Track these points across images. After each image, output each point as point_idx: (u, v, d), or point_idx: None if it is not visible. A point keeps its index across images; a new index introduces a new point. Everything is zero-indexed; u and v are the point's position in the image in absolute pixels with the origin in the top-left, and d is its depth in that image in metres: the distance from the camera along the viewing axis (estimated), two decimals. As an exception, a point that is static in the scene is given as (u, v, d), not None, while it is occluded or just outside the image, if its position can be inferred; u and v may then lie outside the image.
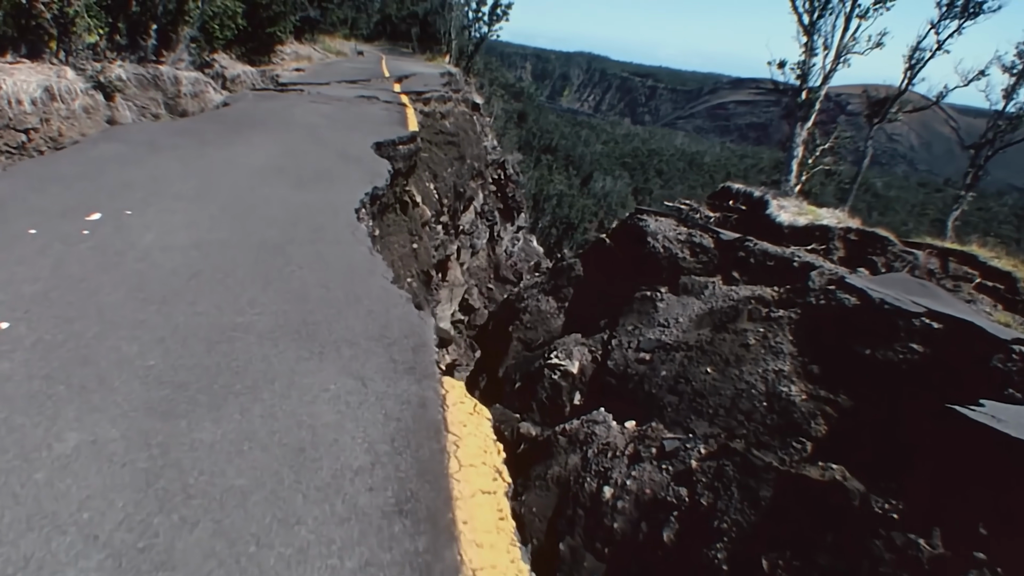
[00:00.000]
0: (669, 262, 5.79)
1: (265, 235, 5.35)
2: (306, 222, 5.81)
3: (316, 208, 6.25)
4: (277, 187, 6.74)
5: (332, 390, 3.42)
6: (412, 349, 4.02)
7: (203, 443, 2.88)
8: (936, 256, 9.34)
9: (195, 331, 3.76)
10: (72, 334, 3.53)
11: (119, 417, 2.96)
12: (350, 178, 7.60)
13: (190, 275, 4.47)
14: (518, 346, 6.22)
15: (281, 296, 4.38)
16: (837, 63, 11.53)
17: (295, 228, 5.62)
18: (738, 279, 5.58)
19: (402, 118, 11.26)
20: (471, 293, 25.85)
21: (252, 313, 4.09)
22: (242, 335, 3.82)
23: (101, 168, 6.69)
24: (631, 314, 5.64)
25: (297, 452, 2.91)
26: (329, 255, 5.17)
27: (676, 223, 6.04)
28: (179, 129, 9.57)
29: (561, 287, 6.36)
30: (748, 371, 4.79)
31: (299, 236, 5.44)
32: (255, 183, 6.77)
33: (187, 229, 5.24)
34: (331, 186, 7.11)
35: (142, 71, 11.90)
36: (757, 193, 11.93)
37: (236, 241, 5.14)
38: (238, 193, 6.36)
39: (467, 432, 3.37)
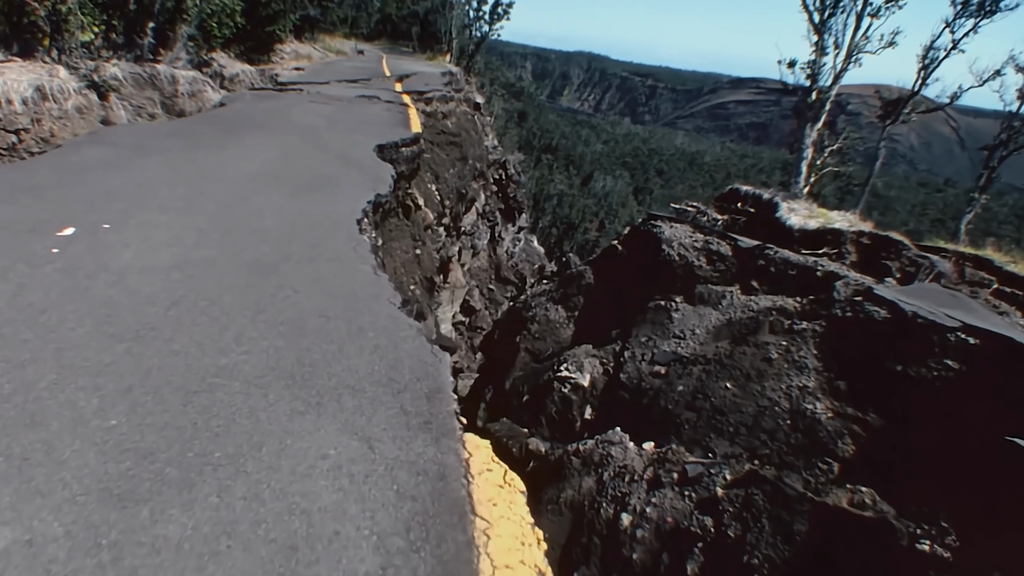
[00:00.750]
0: (684, 270, 5.54)
1: (257, 252, 4.89)
2: (303, 236, 5.37)
3: (314, 220, 5.82)
4: (272, 195, 6.31)
5: (332, 457, 2.88)
6: (426, 396, 3.52)
7: (168, 542, 2.31)
8: (951, 260, 9.10)
9: (170, 377, 3.23)
10: (22, 384, 2.99)
11: (65, 504, 2.38)
12: (351, 185, 7.18)
13: (169, 303, 3.96)
14: (526, 357, 5.98)
15: (273, 328, 3.87)
16: (848, 62, 11.28)
17: (291, 243, 5.17)
18: (757, 289, 5.33)
19: (404, 119, 10.94)
20: (472, 294, 25.62)
21: (239, 352, 3.56)
22: (225, 382, 3.28)
23: (82, 175, 6.19)
24: (645, 325, 5.40)
25: (288, 552, 2.36)
26: (329, 276, 4.74)
27: (692, 229, 5.80)
28: (171, 131, 9.12)
29: (571, 295, 6.12)
30: (771, 387, 4.55)
31: (295, 253, 5.01)
32: (249, 191, 6.34)
33: (170, 246, 4.79)
34: (331, 194, 6.68)
35: (138, 70, 11.66)
36: (766, 195, 11.68)
37: (224, 260, 4.67)
38: (230, 203, 5.91)
39: (498, 515, 2.82)
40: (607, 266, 6.20)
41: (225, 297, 4.16)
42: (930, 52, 11.50)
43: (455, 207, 14.37)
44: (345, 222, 5.93)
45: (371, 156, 8.57)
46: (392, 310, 4.46)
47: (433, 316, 6.46)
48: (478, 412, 5.99)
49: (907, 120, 12.10)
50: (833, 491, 4.10)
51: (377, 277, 4.93)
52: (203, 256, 4.72)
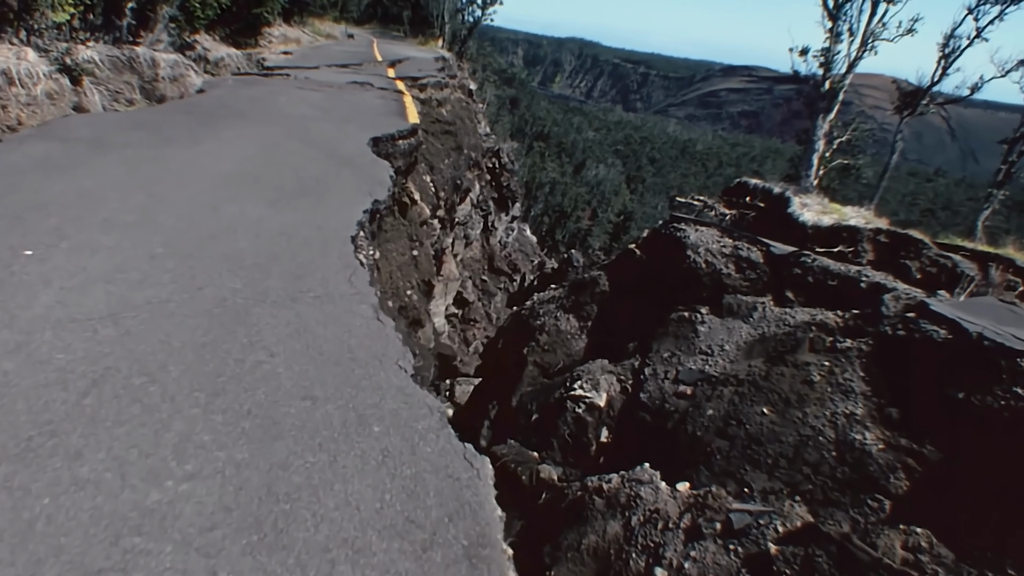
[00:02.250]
0: (711, 279, 5.05)
1: (223, 289, 3.85)
2: (284, 262, 4.37)
3: (299, 237, 4.82)
4: (249, 204, 5.27)
5: None
6: (465, 550, 2.42)
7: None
8: (973, 260, 8.67)
9: (60, 542, 2.03)
10: None
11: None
12: (343, 188, 6.22)
13: (88, 384, 2.81)
14: (534, 371, 5.49)
15: (235, 426, 2.75)
16: (863, 50, 10.79)
17: (268, 274, 4.16)
18: (793, 300, 4.87)
19: (400, 107, 10.25)
20: (465, 286, 25.11)
21: (179, 480, 2.39)
22: (151, 547, 2.09)
23: (15, 179, 5.03)
24: (667, 338, 4.92)
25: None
26: (317, 326, 3.69)
27: (719, 233, 5.30)
28: (136, 122, 7.98)
29: (583, 304, 5.62)
30: (813, 413, 4.09)
31: (273, 290, 3.97)
32: (220, 199, 5.29)
33: (108, 283, 3.64)
34: (319, 201, 5.68)
35: (116, 53, 10.99)
36: (776, 189, 11.22)
37: (178, 303, 3.60)
38: (195, 216, 4.84)
39: None
40: (624, 272, 5.68)
41: (171, 368, 3.05)
42: (951, 40, 11.05)
43: (450, 198, 13.83)
44: (337, 240, 4.96)
45: (365, 151, 7.67)
46: (403, 380, 3.42)
47: (431, 322, 5.96)
48: (482, 430, 5.51)
49: (925, 112, 11.64)
50: (884, 532, 3.63)
51: (380, 324, 3.90)
52: (150, 298, 3.60)
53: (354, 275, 4.50)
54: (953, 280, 8.29)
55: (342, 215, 5.49)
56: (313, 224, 5.17)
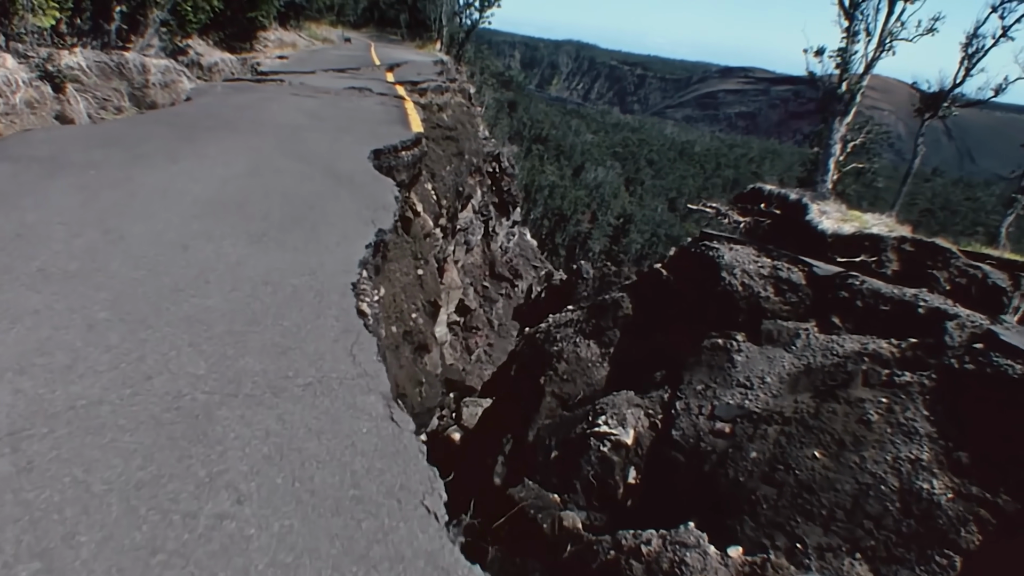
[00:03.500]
0: (748, 302, 4.61)
1: (180, 378, 2.86)
2: (267, 329, 3.41)
3: (286, 288, 3.89)
4: (227, 241, 4.38)
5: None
6: None
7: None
8: (1003, 270, 8.24)
9: None
10: None
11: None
12: (342, 216, 5.33)
13: None
14: (552, 402, 5.04)
15: None
16: (880, 51, 10.37)
17: (243, 349, 3.17)
18: (839, 326, 4.43)
19: (401, 114, 9.69)
20: (467, 293, 24.69)
21: None
22: None
23: None
24: (699, 368, 4.47)
25: None
26: (306, 438, 2.69)
27: (756, 252, 4.86)
28: (107, 136, 6.95)
29: (604, 329, 5.17)
30: (872, 458, 3.64)
31: (249, 374, 2.98)
32: (192, 234, 4.39)
33: (18, 374, 2.69)
34: (313, 234, 4.79)
35: (104, 58, 10.57)
36: (793, 196, 10.75)
37: (112, 407, 2.60)
38: (157, 260, 3.93)
39: None
40: (649, 294, 5.23)
41: (81, 538, 2.01)
42: (975, 40, 10.61)
43: (452, 206, 13.40)
44: (334, 290, 4.01)
45: (366, 167, 6.88)
46: (432, 537, 2.35)
47: (438, 347, 5.52)
48: (495, 467, 5.06)
49: (946, 114, 11.21)
50: (957, 593, 3.19)
51: (396, 428, 2.88)
52: (75, 398, 2.61)
53: (357, 344, 3.49)
54: (984, 292, 7.85)
55: (340, 253, 4.63)
56: (305, 268, 4.26)
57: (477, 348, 24.71)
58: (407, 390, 5.29)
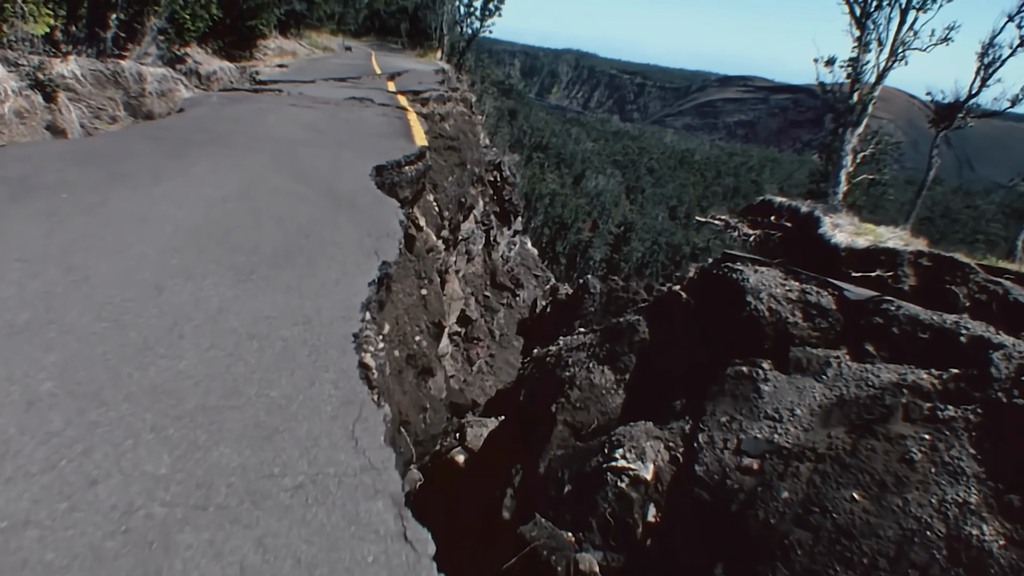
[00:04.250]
0: (775, 328, 4.33)
1: (133, 485, 2.26)
2: (249, 403, 2.83)
3: (276, 344, 3.34)
4: (209, 280, 3.84)
5: None
6: None
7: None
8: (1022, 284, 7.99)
9: None
10: None
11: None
12: (342, 246, 4.79)
13: None
14: (565, 431, 4.76)
15: None
16: (892, 60, 10.15)
17: (218, 435, 2.59)
18: (873, 355, 4.15)
19: (404, 126, 9.40)
20: (468, 303, 24.40)
21: None
22: None
23: None
24: (723, 398, 4.19)
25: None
26: None
27: (783, 275, 4.58)
28: (87, 152, 6.42)
29: (619, 354, 4.89)
30: (916, 500, 3.36)
31: (222, 472, 2.42)
32: (169, 272, 3.85)
33: None
34: (309, 269, 4.28)
35: (100, 67, 10.35)
36: (804, 208, 10.52)
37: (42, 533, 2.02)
38: (124, 308, 3.37)
39: None
40: (667, 318, 4.94)
41: None
42: (991, 49, 10.38)
43: (454, 218, 13.15)
44: (332, 344, 3.45)
45: (367, 186, 6.41)
46: None
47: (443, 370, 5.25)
48: (504, 500, 4.78)
49: (962, 126, 10.95)
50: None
51: (413, 556, 2.25)
52: None
53: (361, 422, 2.87)
54: (1006, 308, 7.59)
55: (340, 294, 4.05)
56: (298, 314, 3.68)
57: (478, 359, 24.44)
58: (410, 417, 5.00)
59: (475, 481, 6.42)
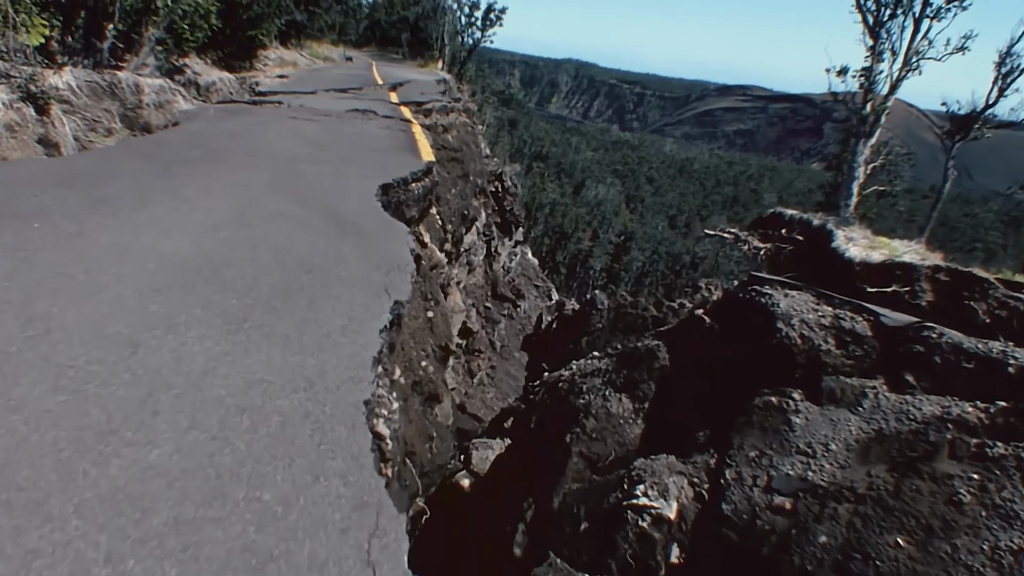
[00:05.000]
0: (807, 356, 4.07)
1: None
2: (233, 518, 2.24)
3: (271, 419, 2.79)
4: (193, 332, 3.31)
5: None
6: None
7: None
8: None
9: None
10: None
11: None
12: (347, 283, 4.32)
13: None
14: (580, 464, 4.50)
15: None
16: (906, 70, 9.95)
17: (195, 570, 2.02)
18: (914, 385, 3.90)
19: (409, 140, 9.13)
20: (469, 315, 24.12)
21: None
22: None
23: None
24: (751, 430, 3.93)
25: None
26: None
27: (815, 300, 4.33)
28: (70, 173, 5.84)
29: (638, 382, 4.63)
30: (966, 547, 3.10)
31: None
32: (148, 321, 3.31)
33: None
34: (310, 315, 3.77)
35: (96, 78, 10.13)
36: (816, 221, 10.27)
37: None
38: (88, 375, 2.79)
39: None
40: (689, 343, 4.69)
41: None
42: (1008, 59, 10.16)
43: (457, 230, 12.91)
44: (339, 418, 2.91)
45: (373, 207, 6.00)
46: None
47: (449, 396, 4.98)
48: (515, 536, 4.52)
49: (979, 136, 10.74)
50: None
51: None
52: None
53: (378, 536, 2.32)
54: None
55: (347, 346, 3.49)
56: (299, 376, 3.11)
57: (479, 371, 24.18)
58: (416, 447, 4.73)
59: (481, 508, 6.15)
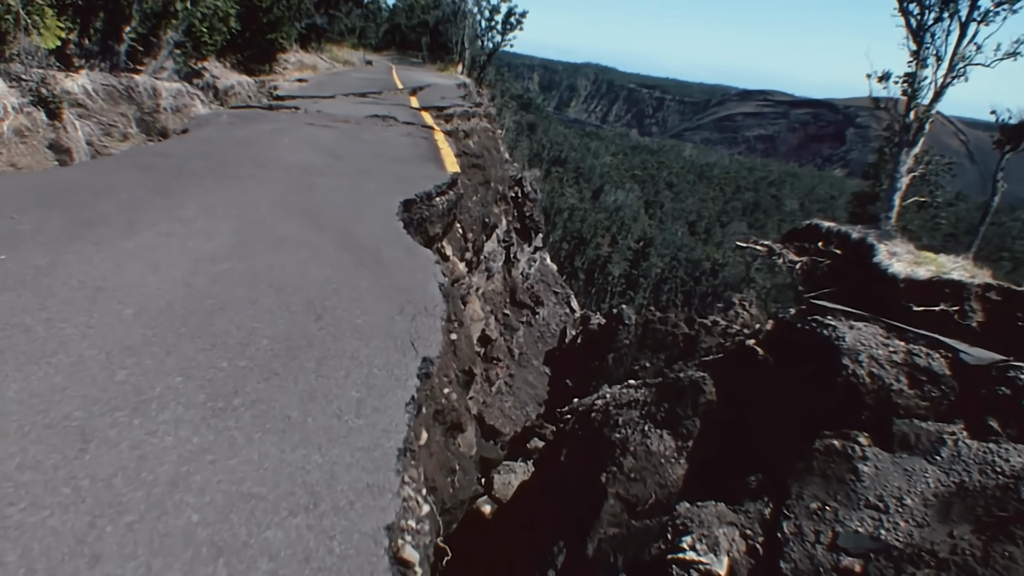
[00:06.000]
0: (876, 397, 3.66)
1: None
2: None
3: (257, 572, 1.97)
4: (166, 416, 2.57)
5: None
6: None
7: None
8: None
9: None
10: None
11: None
12: (366, 333, 3.59)
13: None
14: (616, 506, 4.10)
15: None
16: (952, 76, 9.44)
17: None
18: (999, 432, 3.47)
19: (432, 149, 8.64)
20: (488, 323, 23.81)
21: None
22: None
23: None
24: (811, 478, 3.52)
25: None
26: None
27: (885, 333, 3.90)
28: (57, 189, 5.14)
29: (681, 418, 4.22)
30: (1076, 631, 2.66)
31: None
32: (109, 398, 2.58)
33: None
34: (318, 385, 2.98)
35: (113, 81, 9.94)
36: (855, 234, 9.83)
37: None
38: (15, 495, 2.04)
39: None
40: (738, 377, 4.27)
41: None
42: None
43: (478, 239, 12.58)
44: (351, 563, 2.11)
45: (394, 228, 5.35)
46: None
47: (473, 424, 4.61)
48: (545, 585, 4.14)
49: (1033, 147, 10.20)
50: None
51: None
52: None
53: None
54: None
55: (364, 433, 2.71)
56: (299, 484, 2.35)
57: (498, 379, 23.83)
58: (437, 482, 4.37)
59: (506, 539, 5.78)
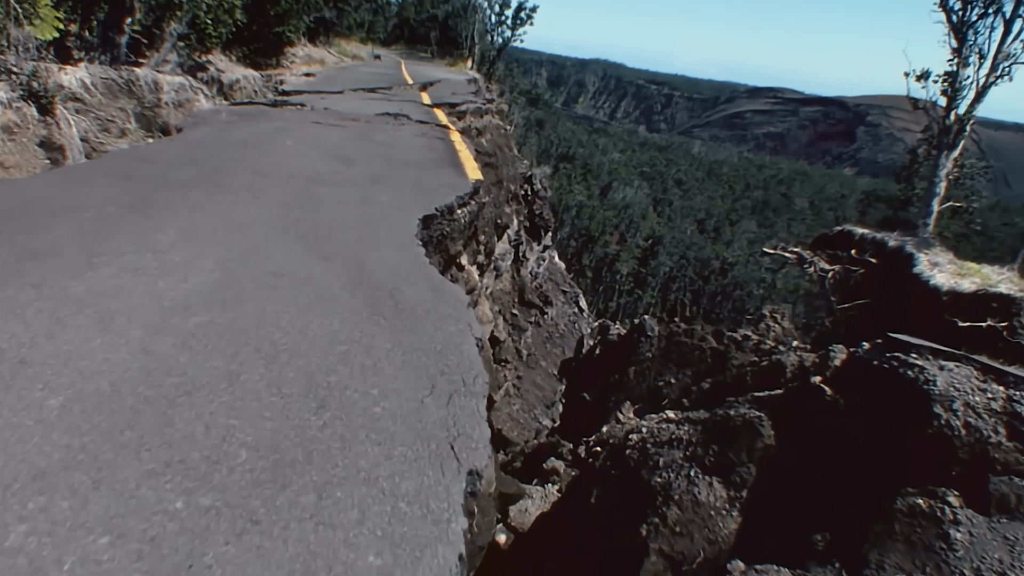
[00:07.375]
0: (970, 450, 3.17)
1: None
2: None
3: None
4: None
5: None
6: None
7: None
8: None
9: None
10: None
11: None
12: (386, 438, 2.50)
13: None
14: (659, 564, 3.62)
15: None
16: (995, 76, 8.93)
17: None
18: (1118, 496, 3.00)
19: (449, 151, 7.87)
20: (497, 324, 23.37)
21: None
22: None
23: None
24: (892, 544, 3.05)
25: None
26: None
27: (981, 376, 3.41)
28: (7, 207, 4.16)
29: (734, 464, 3.73)
30: None
31: None
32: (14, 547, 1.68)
33: None
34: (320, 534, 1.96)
35: (113, 75, 9.49)
36: (892, 242, 9.30)
37: None
38: None
39: None
40: (803, 419, 3.77)
41: None
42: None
43: (490, 241, 12.11)
44: None
45: (414, 256, 4.46)
46: None
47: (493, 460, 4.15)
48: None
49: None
50: None
51: None
52: None
53: None
54: None
55: None
56: None
57: (506, 382, 23.42)
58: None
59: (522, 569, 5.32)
